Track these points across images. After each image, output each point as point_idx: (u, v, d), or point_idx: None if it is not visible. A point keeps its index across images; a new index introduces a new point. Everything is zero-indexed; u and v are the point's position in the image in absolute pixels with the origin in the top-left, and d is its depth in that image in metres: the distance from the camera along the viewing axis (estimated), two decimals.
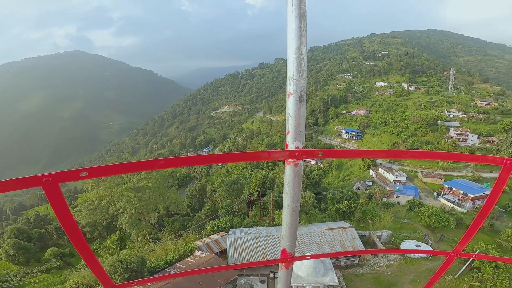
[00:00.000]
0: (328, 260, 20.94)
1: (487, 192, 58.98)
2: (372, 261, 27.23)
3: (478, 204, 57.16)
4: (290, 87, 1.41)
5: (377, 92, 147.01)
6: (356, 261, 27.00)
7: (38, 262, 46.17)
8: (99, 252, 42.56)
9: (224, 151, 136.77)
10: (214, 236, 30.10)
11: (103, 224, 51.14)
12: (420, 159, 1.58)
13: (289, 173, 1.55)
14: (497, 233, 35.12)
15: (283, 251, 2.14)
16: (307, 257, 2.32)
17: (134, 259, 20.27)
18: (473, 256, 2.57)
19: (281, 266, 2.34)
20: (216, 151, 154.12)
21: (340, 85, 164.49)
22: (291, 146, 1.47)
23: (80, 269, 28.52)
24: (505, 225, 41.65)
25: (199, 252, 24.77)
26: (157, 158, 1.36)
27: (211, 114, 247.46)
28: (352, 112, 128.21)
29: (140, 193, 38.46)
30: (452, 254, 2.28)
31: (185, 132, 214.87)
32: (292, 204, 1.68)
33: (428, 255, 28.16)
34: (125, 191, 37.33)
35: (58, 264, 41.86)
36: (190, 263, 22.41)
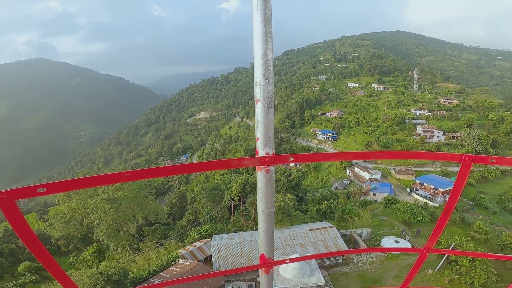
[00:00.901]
0: (313, 261, 21.27)
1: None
2: (356, 259, 27.97)
3: (447, 198, 60.71)
4: (258, 93, 1.41)
5: (349, 93, 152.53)
6: (340, 260, 27.60)
7: (12, 276, 43.29)
8: (76, 265, 41.14)
9: (203, 158, 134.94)
10: (198, 244, 29.84)
11: (78, 236, 49.22)
12: (386, 159, 1.64)
13: (261, 179, 1.54)
14: (469, 225, 37.30)
15: (262, 256, 2.13)
16: (286, 261, 2.32)
17: (115, 270, 19.63)
18: (444, 252, 2.72)
19: (261, 272, 2.32)
20: (194, 158, 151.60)
21: (315, 87, 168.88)
22: (261, 153, 1.47)
23: (57, 283, 27.18)
24: (475, 218, 44.44)
25: (183, 260, 24.42)
26: (124, 171, 1.30)
27: (188, 120, 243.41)
28: (327, 114, 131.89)
29: (116, 204, 37.56)
30: (424, 251, 2.38)
31: (161, 140, 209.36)
32: (266, 209, 1.67)
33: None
34: (100, 203, 36.37)
35: (34, 278, 39.54)
36: (174, 272, 21.95)
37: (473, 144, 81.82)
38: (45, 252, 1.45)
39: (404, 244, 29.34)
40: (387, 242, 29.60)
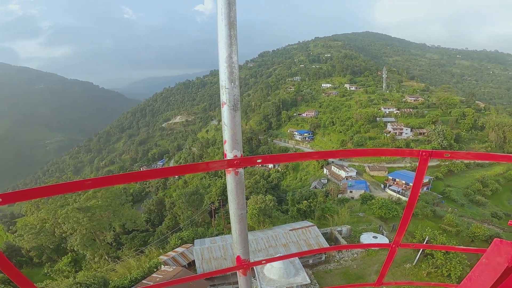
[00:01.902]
0: (296, 260, 21.62)
1: (426, 180, 66.08)
2: (338, 256, 28.64)
3: (419, 192, 63.28)
4: (223, 96, 1.41)
5: (323, 94, 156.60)
6: (323, 258, 28.13)
7: None
8: (52, 275, 39.53)
9: (180, 162, 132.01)
10: (179, 249, 29.51)
11: (51, 247, 47.33)
12: (349, 157, 1.72)
13: (230, 181, 1.55)
14: (440, 218, 39.22)
15: (238, 258, 2.13)
16: (263, 262, 2.33)
17: (94, 280, 18.95)
18: (412, 246, 2.86)
19: (239, 274, 2.32)
20: (172, 163, 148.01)
21: (290, 88, 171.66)
22: (229, 155, 1.47)
23: None
24: (445, 211, 46.54)
25: (166, 266, 23.93)
26: (84, 179, 1.24)
27: (163, 125, 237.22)
28: (303, 114, 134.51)
29: (90, 213, 36.74)
30: (393, 246, 2.48)
31: (135, 146, 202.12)
32: (238, 211, 1.68)
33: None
34: (72, 212, 35.52)
35: None
36: (157, 279, 21.39)
37: (439, 140, 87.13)
38: (8, 263, 1.39)
39: (382, 239, 30.42)
40: (366, 238, 30.56)
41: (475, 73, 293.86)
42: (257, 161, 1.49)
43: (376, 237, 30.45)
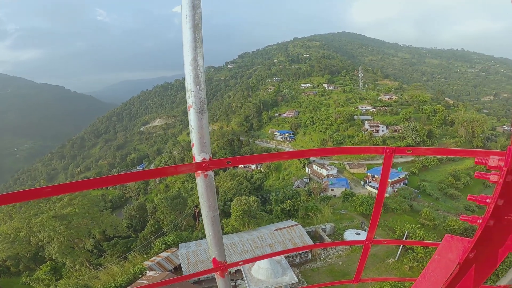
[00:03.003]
0: (283, 260, 21.89)
1: (402, 176, 68.43)
2: (323, 254, 29.15)
3: (397, 188, 63.52)
4: (189, 99, 1.41)
5: (303, 94, 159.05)
6: (309, 257, 28.54)
7: None
8: (31, 284, 38.72)
9: (161, 167, 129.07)
10: (164, 254, 29.34)
11: (28, 256, 46.19)
12: (320, 156, 1.78)
13: (200, 184, 1.55)
14: (417, 213, 40.65)
15: (214, 260, 2.13)
16: (240, 263, 2.35)
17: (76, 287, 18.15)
18: (385, 242, 2.97)
19: (217, 276, 2.32)
20: (152, 167, 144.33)
21: (270, 89, 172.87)
22: (197, 158, 1.47)
23: None
24: (422, 205, 48.03)
25: (151, 272, 23.77)
26: (43, 186, 1.19)
27: (141, 129, 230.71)
28: (284, 114, 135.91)
29: (66, 220, 36.47)
30: (367, 242, 2.58)
31: (112, 151, 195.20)
32: (210, 213, 1.68)
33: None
34: (47, 221, 35.15)
35: None
36: (143, 285, 20.90)
37: (412, 136, 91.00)
38: None
39: (365, 235, 31.13)
40: (349, 234, 31.24)
41: (444, 71, 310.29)
42: (227, 162, 1.50)
43: (359, 234, 31.17)
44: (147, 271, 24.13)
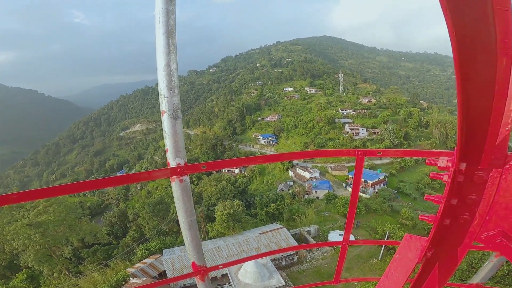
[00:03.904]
0: (270, 263, 21.94)
1: (382, 177, 70.53)
2: (309, 256, 29.39)
3: (377, 189, 65.29)
4: (163, 105, 1.42)
5: (285, 97, 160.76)
6: (295, 259, 28.69)
7: None
8: None
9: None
10: (148, 260, 29.01)
11: (2, 264, 45.13)
12: (294, 159, 1.83)
13: (176, 189, 1.55)
14: (397, 213, 41.85)
15: (193, 264, 2.11)
16: (220, 267, 2.35)
17: None
18: (361, 242, 3.06)
19: (197, 280, 2.31)
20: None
21: (253, 93, 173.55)
22: (172, 163, 1.48)
23: None
24: (401, 205, 49.31)
25: (135, 278, 23.29)
26: (9, 193, 1.15)
27: (121, 134, 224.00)
28: (267, 118, 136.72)
29: (42, 228, 36.01)
30: (344, 243, 2.65)
31: (90, 157, 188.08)
32: (187, 218, 1.68)
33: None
34: (21, 229, 34.70)
35: None
36: None
37: (390, 138, 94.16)
38: None
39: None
40: (334, 236, 31.75)
41: (418, 74, 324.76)
42: (202, 167, 1.51)
43: (342, 235, 31.67)
44: (130, 278, 23.78)
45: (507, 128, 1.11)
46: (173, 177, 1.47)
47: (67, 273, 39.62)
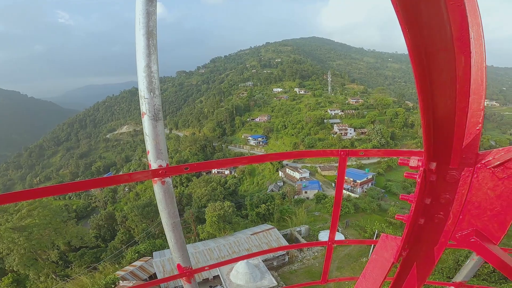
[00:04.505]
0: (261, 264, 21.98)
1: (370, 176, 71.63)
2: (300, 256, 29.50)
3: (365, 188, 65.90)
4: (143, 106, 1.41)
5: (275, 98, 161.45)
6: (287, 259, 28.77)
7: None
8: None
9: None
10: (138, 263, 28.67)
11: None
12: (278, 160, 1.84)
13: (158, 191, 1.54)
14: (385, 212, 42.55)
15: (178, 266, 2.10)
16: (206, 268, 2.33)
17: None
18: (345, 242, 3.10)
19: (183, 282, 2.29)
20: None
21: (243, 94, 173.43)
22: (153, 165, 1.46)
23: None
24: (389, 204, 50.22)
25: (125, 282, 23.10)
26: None
27: (107, 136, 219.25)
28: (256, 119, 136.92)
29: (26, 232, 35.82)
30: (330, 243, 2.67)
31: (75, 159, 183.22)
32: (170, 220, 1.67)
33: (344, 244, 32.25)
34: (5, 232, 34.58)
35: None
36: None
37: (378, 138, 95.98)
38: None
39: (338, 235, 32.09)
40: (324, 236, 31.89)
41: (404, 75, 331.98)
42: (184, 169, 1.51)
43: None
44: (119, 281, 23.46)
45: (477, 128, 1.11)
46: (155, 179, 1.46)
47: (54, 276, 39.31)
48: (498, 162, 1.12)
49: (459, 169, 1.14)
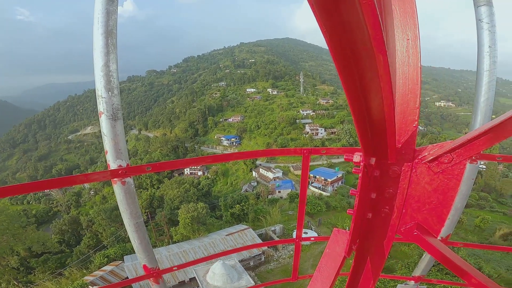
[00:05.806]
0: (238, 264, 21.89)
1: (340, 175, 74.23)
2: (276, 255, 29.73)
3: (336, 187, 67.90)
4: (100, 105, 1.38)
5: (248, 98, 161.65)
6: (263, 259, 28.85)
7: None
8: None
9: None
10: (108, 267, 27.79)
11: None
12: (244, 158, 1.89)
13: (118, 192, 1.52)
14: None
15: (144, 267, 2.07)
16: (174, 269, 2.31)
17: None
18: (312, 239, 3.20)
19: (151, 283, 2.25)
20: None
21: (216, 94, 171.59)
22: (112, 166, 1.44)
23: None
24: None
25: (94, 287, 21.92)
26: None
27: (69, 137, 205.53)
28: (229, 119, 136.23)
29: None
30: (297, 240, 2.76)
31: (33, 162, 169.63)
32: (133, 220, 1.65)
33: (310, 241, 33.10)
34: None
35: None
36: None
37: (347, 138, 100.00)
38: None
39: (312, 234, 32.74)
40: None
41: None
42: (146, 169, 1.50)
43: (306, 233, 32.67)
44: (89, 286, 22.84)
45: (413, 125, 1.20)
46: (115, 179, 1.44)
47: (16, 283, 37.82)
48: (432, 157, 1.20)
49: (399, 164, 1.25)
